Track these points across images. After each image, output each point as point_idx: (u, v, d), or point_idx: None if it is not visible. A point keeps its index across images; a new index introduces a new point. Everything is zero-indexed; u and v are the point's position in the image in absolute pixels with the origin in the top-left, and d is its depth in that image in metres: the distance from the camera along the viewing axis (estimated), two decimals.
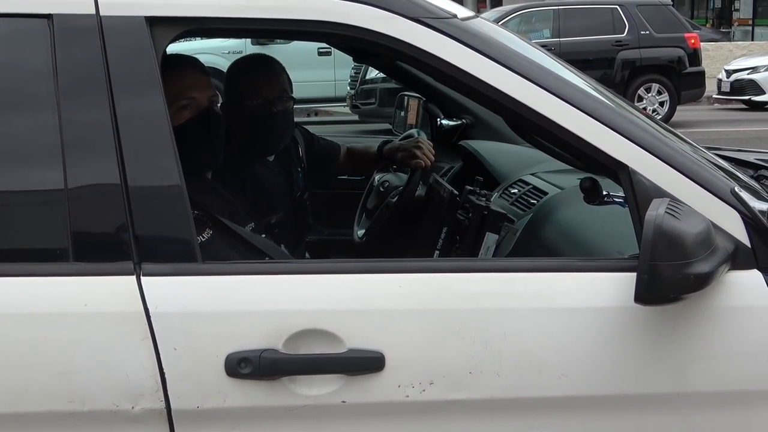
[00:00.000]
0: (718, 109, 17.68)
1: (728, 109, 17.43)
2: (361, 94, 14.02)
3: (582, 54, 14.60)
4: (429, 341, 1.90)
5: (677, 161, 2.00)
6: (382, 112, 13.61)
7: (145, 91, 1.93)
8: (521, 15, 15.49)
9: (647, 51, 14.91)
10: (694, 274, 1.81)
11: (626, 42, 14.91)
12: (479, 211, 2.77)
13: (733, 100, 17.45)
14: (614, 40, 14.91)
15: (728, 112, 17.09)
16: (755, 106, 16.82)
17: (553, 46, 14.66)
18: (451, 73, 2.02)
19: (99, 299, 1.86)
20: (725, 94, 17.45)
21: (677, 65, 15.01)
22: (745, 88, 16.98)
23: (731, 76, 17.21)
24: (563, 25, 15.09)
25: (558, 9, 15.46)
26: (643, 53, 14.91)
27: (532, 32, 15.21)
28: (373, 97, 13.76)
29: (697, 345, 1.96)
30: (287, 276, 1.93)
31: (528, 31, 15.22)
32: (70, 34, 1.91)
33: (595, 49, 14.76)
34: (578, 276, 1.98)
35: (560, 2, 15.89)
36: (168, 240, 1.93)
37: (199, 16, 1.98)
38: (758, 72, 16.89)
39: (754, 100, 16.78)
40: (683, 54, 15.03)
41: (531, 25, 15.42)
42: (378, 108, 13.61)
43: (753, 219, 1.99)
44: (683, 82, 15.02)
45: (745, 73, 17.02)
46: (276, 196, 3.12)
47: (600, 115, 2.00)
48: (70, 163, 1.88)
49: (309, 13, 2.00)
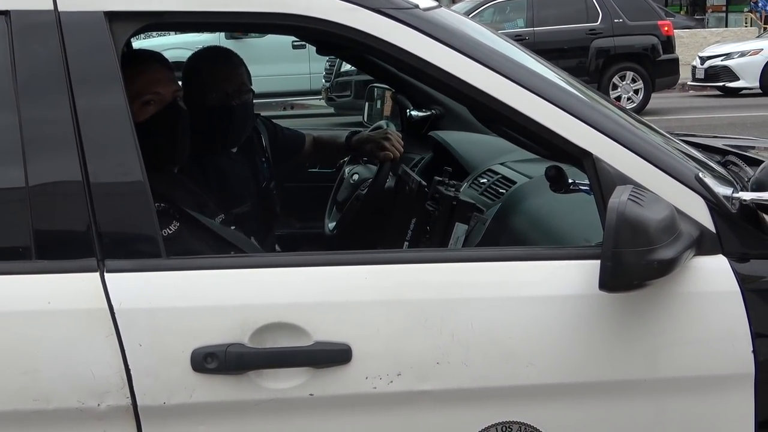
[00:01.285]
0: (693, 95, 17.77)
1: (703, 95, 17.52)
2: (336, 87, 14.01)
3: (556, 43, 14.65)
4: (396, 332, 1.90)
5: (641, 148, 2.00)
6: (357, 104, 13.48)
7: (105, 87, 1.91)
8: (495, 5, 15.49)
9: (621, 39, 14.95)
10: (658, 260, 1.81)
11: (600, 30, 14.94)
12: (448, 201, 2.77)
13: (707, 87, 17.53)
14: (588, 29, 14.94)
15: (703, 98, 17.18)
16: (730, 92, 16.93)
17: (528, 35, 14.69)
18: (413, 63, 2.01)
19: (62, 297, 1.84)
20: (700, 81, 17.54)
21: (651, 53, 15.07)
22: (719, 74, 17.07)
23: (705, 62, 17.30)
24: (537, 14, 15.11)
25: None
26: (616, 41, 14.95)
27: (507, 22, 15.23)
28: (348, 90, 13.75)
29: (664, 331, 1.96)
30: (252, 270, 1.93)
31: (502, 21, 15.24)
32: (28, 31, 1.90)
33: (569, 38, 14.80)
34: (544, 264, 1.98)
35: None
36: (131, 236, 1.92)
37: (159, 10, 1.97)
38: (732, 58, 16.98)
39: (729, 86, 16.88)
40: (657, 41, 15.09)
41: (505, 15, 15.43)
42: (353, 100, 13.57)
43: (717, 204, 1.99)
44: (657, 69, 15.08)
45: (719, 59, 17.11)
46: (241, 186, 3.12)
47: (563, 104, 2.00)
48: (30, 161, 1.86)
49: (269, 5, 1.99)
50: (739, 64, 16.84)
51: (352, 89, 13.63)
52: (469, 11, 14.96)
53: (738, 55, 17.00)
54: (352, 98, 13.62)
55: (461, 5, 16.62)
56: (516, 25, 15.12)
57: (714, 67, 17.13)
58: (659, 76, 15.13)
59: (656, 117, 14.01)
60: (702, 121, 13.62)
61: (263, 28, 2.33)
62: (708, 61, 17.27)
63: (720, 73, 17.06)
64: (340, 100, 14.01)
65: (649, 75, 15.02)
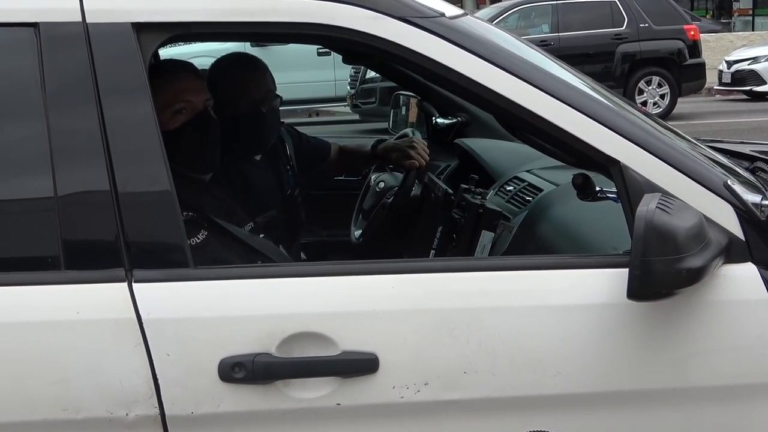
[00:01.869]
0: (720, 100, 17.64)
1: (730, 100, 17.39)
2: (361, 94, 14.03)
3: (581, 48, 14.60)
4: (423, 341, 1.89)
5: (669, 155, 1.99)
6: (382, 111, 13.50)
7: (133, 97, 1.92)
8: (520, 11, 15.47)
9: (647, 44, 14.88)
10: (687, 269, 1.80)
11: (625, 35, 14.87)
12: (474, 209, 2.77)
13: (734, 91, 17.41)
14: (613, 34, 14.88)
15: (730, 103, 17.06)
16: (756, 96, 16.78)
17: (553, 41, 14.65)
18: (439, 72, 2.01)
19: (91, 307, 1.85)
20: (726, 85, 17.41)
21: (677, 57, 14.98)
22: (746, 78, 16.93)
23: (732, 66, 17.17)
24: (562, 19, 15.07)
25: (557, 4, 15.43)
26: (642, 46, 14.87)
27: (531, 27, 15.20)
28: (373, 96, 13.76)
29: (692, 340, 1.95)
30: (279, 279, 1.93)
31: (527, 27, 15.21)
32: (56, 43, 1.91)
33: (594, 43, 14.73)
34: (572, 273, 1.97)
35: None
36: (159, 246, 1.93)
37: (185, 21, 1.98)
38: (759, 62, 16.84)
39: (756, 91, 16.74)
40: (683, 46, 15.00)
41: (530, 20, 15.40)
42: (378, 107, 13.58)
43: (747, 212, 1.98)
44: (683, 74, 14.98)
45: (746, 63, 16.98)
46: (266, 194, 3.12)
47: (591, 111, 2.00)
48: (59, 171, 1.87)
49: (295, 15, 1.99)
50: (766, 68, 16.70)
51: (377, 96, 13.64)
52: (494, 17, 14.96)
53: (765, 59, 16.86)
54: (377, 105, 13.64)
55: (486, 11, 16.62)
56: (541, 31, 15.09)
57: (741, 71, 17.00)
58: (685, 81, 15.03)
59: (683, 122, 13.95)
60: (729, 125, 13.53)
61: (289, 38, 2.34)
62: (734, 65, 17.14)
63: (747, 77, 16.92)
64: (366, 107, 14.03)
65: (675, 80, 14.92)
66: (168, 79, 2.50)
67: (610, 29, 14.90)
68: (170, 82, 2.50)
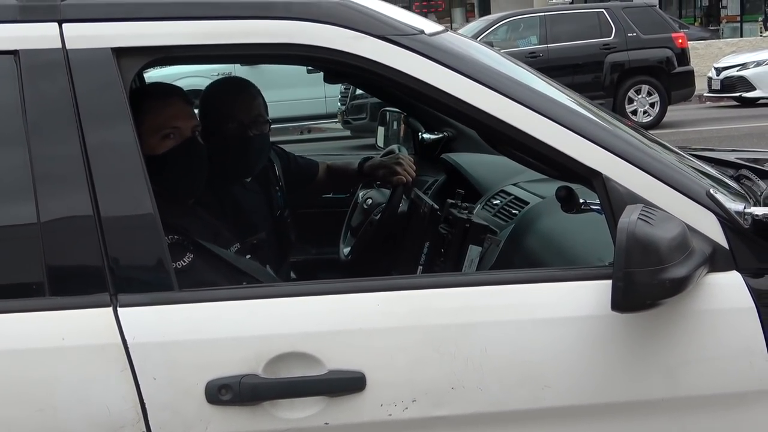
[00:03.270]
0: (710, 107, 17.70)
1: (720, 106, 17.45)
2: (351, 110, 14.07)
3: (570, 59, 14.65)
4: (409, 358, 1.89)
5: (651, 166, 2.00)
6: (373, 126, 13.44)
7: (115, 122, 1.93)
8: (508, 23, 15.52)
9: (635, 53, 14.93)
10: (670, 279, 1.81)
11: (614, 45, 14.92)
12: (461, 224, 2.77)
13: (724, 98, 17.46)
14: (602, 44, 14.93)
15: (720, 109, 17.11)
16: (746, 102, 16.84)
17: (541, 52, 14.70)
18: (420, 89, 2.01)
19: (76, 333, 1.85)
20: (716, 92, 17.47)
21: (666, 65, 15.03)
22: (735, 85, 16.99)
23: (721, 73, 17.22)
24: (550, 31, 15.11)
25: (544, 15, 15.49)
26: (631, 55, 14.93)
27: (520, 39, 15.24)
28: (363, 112, 13.80)
29: (680, 350, 1.95)
30: (264, 300, 1.93)
31: (516, 39, 15.26)
32: (37, 70, 1.91)
33: (583, 53, 14.78)
34: (558, 286, 1.97)
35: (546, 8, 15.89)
36: (143, 269, 1.92)
37: (166, 44, 1.98)
38: (747, 68, 16.90)
39: (745, 97, 16.80)
40: (671, 54, 15.05)
41: (518, 32, 15.44)
42: (369, 122, 13.56)
43: (730, 220, 1.98)
44: (673, 82, 15.03)
45: (735, 70, 17.03)
46: (256, 216, 3.12)
47: (571, 124, 2.00)
48: (42, 197, 1.87)
49: (276, 36, 2.00)
50: (755, 74, 16.76)
51: (367, 112, 13.67)
52: (482, 30, 15.01)
53: (754, 65, 16.92)
54: (367, 120, 13.66)
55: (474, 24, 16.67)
56: (529, 42, 15.13)
57: (730, 77, 17.06)
58: (675, 89, 15.08)
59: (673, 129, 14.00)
60: (720, 132, 13.57)
61: (271, 59, 2.35)
62: (724, 72, 17.20)
63: (736, 84, 16.98)
64: (356, 123, 14.07)
65: (665, 88, 14.98)
66: (157, 104, 2.51)
67: (599, 39, 14.96)
68: (159, 107, 2.51)
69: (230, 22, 2.00)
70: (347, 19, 2.00)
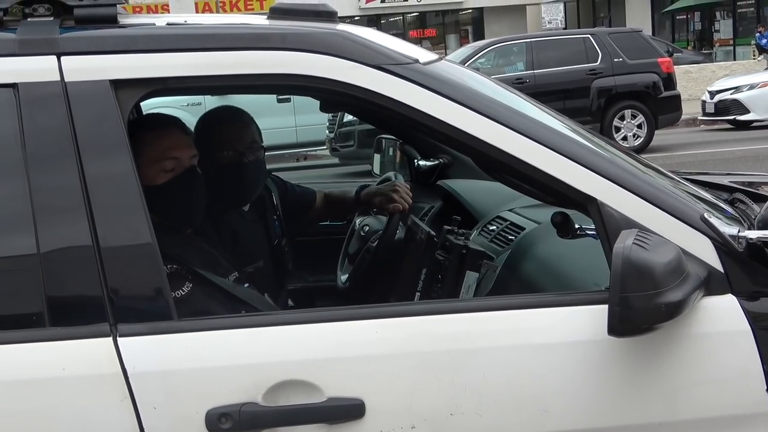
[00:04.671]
0: (704, 130, 17.75)
1: (714, 129, 17.50)
2: (339, 137, 14.06)
3: (557, 85, 14.67)
4: (408, 385, 1.90)
5: (645, 191, 2.01)
6: (361, 153, 13.70)
7: (113, 153, 1.94)
8: (495, 49, 15.56)
9: (621, 78, 14.91)
10: (666, 303, 1.82)
11: (600, 70, 14.91)
12: (458, 250, 2.78)
13: (718, 121, 17.51)
14: (588, 69, 14.91)
15: (714, 132, 17.16)
16: (741, 125, 16.89)
17: (528, 78, 14.75)
18: (416, 117, 2.03)
19: (77, 363, 1.86)
20: (710, 115, 17.51)
21: (652, 90, 15.01)
22: (729, 108, 17.03)
23: (714, 96, 17.27)
24: (537, 57, 15.14)
25: (531, 41, 15.52)
26: (617, 80, 14.91)
27: (507, 65, 15.28)
28: (351, 140, 13.84)
29: (676, 373, 1.96)
30: (262, 328, 1.94)
31: (503, 65, 15.30)
32: (35, 102, 1.93)
33: (569, 79, 14.74)
34: (554, 311, 1.99)
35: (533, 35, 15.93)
36: (142, 299, 1.94)
37: (163, 76, 2.00)
38: (741, 91, 16.95)
39: (739, 120, 16.85)
40: (657, 79, 15.02)
41: (506, 58, 15.46)
42: (357, 150, 13.72)
43: (724, 244, 1.99)
44: (659, 106, 15.00)
45: (728, 93, 17.08)
46: (254, 244, 3.13)
47: (566, 150, 2.02)
48: (41, 228, 1.89)
49: (272, 66, 2.02)
50: (748, 97, 16.80)
51: (355, 139, 13.74)
52: (469, 56, 15.05)
53: (747, 87, 16.97)
54: (355, 148, 13.75)
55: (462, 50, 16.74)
56: (516, 68, 15.15)
57: (724, 100, 17.09)
58: (662, 114, 15.05)
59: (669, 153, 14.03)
60: (715, 155, 13.61)
61: (267, 89, 2.38)
62: (717, 95, 17.24)
63: (730, 107, 17.02)
64: (344, 150, 14.06)
65: (652, 113, 14.93)
66: (156, 135, 2.52)
67: (585, 65, 14.96)
68: (159, 138, 2.52)
69: (227, 53, 2.02)
70: (342, 49, 2.03)
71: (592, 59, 14.98)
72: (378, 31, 2.35)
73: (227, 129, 3.07)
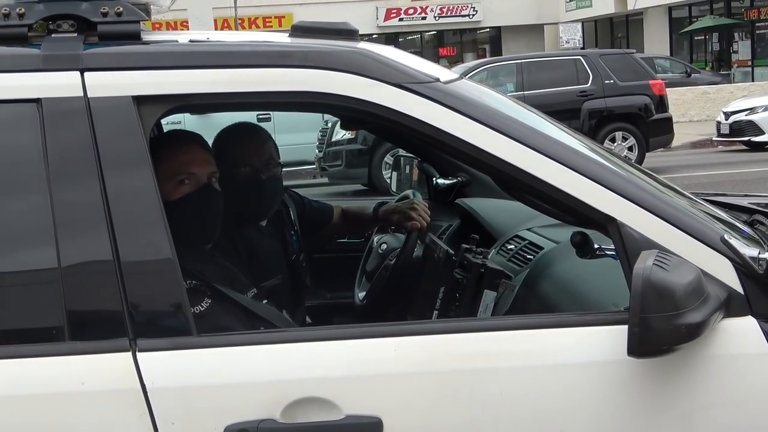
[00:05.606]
0: (721, 151, 17.69)
1: (731, 150, 17.44)
2: (328, 157, 14.04)
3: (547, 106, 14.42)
4: (426, 404, 1.90)
5: (665, 212, 2.01)
6: (349, 173, 13.85)
7: (134, 168, 1.95)
8: (485, 70, 15.50)
9: (612, 100, 14.81)
10: (686, 325, 1.82)
11: (591, 92, 14.82)
12: (476, 269, 2.78)
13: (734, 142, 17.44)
14: (578, 91, 14.81)
15: (730, 153, 17.10)
16: (756, 146, 16.81)
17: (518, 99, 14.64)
18: (436, 136, 2.04)
19: (96, 377, 1.87)
20: (725, 136, 17.43)
21: (644, 112, 14.90)
22: (744, 129, 16.95)
23: (729, 117, 17.20)
24: (527, 78, 15.08)
25: (521, 63, 15.48)
26: (608, 102, 14.81)
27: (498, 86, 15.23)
28: (339, 159, 13.86)
29: (696, 395, 1.95)
30: (281, 345, 1.94)
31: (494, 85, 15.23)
32: (58, 117, 1.95)
33: (560, 100, 14.54)
34: (573, 331, 1.99)
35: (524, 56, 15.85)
36: (162, 314, 1.94)
37: (185, 93, 2.02)
38: (756, 113, 16.87)
39: (754, 141, 16.76)
40: (649, 101, 14.92)
41: (497, 79, 15.32)
42: (345, 169, 13.79)
43: (744, 265, 1.99)
44: (651, 128, 14.89)
45: (743, 114, 17.00)
46: (271, 260, 3.14)
47: (585, 170, 2.02)
48: (62, 242, 1.90)
49: (293, 84, 2.03)
50: (763, 118, 16.67)
51: (343, 158, 13.77)
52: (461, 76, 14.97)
53: (762, 109, 16.87)
54: (343, 167, 13.78)
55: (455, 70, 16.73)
56: (506, 90, 15.03)
57: (738, 122, 17.00)
58: (653, 136, 14.91)
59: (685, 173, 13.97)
60: (732, 176, 13.55)
61: (287, 106, 2.38)
62: (732, 116, 17.15)
63: (745, 128, 16.92)
64: (333, 170, 14.04)
65: (643, 135, 14.79)
66: (174, 150, 2.53)
67: (576, 86, 14.86)
68: (176, 153, 2.53)
69: (249, 70, 2.03)
70: (363, 68, 2.03)
71: (583, 81, 14.88)
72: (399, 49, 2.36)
73: (244, 145, 3.08)
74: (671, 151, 17.07)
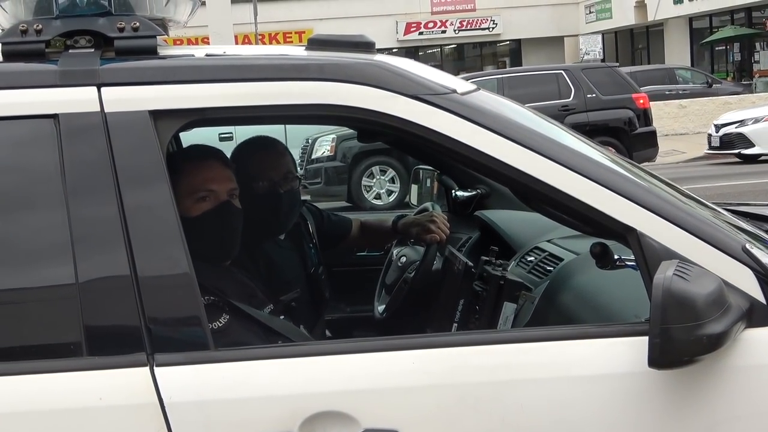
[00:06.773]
0: (713, 164, 17.51)
1: (723, 163, 17.25)
2: (308, 174, 13.93)
3: None
4: (446, 417, 1.89)
5: (685, 221, 1.99)
6: (328, 191, 13.83)
7: (152, 183, 1.96)
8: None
9: (595, 114, 14.75)
10: (707, 335, 1.80)
11: (573, 106, 14.75)
12: (496, 281, 2.77)
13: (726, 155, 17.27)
14: (560, 105, 14.70)
15: (723, 166, 16.90)
16: (748, 159, 16.66)
17: None
18: (454, 147, 2.03)
19: (114, 392, 1.86)
20: (715, 149, 17.28)
21: (627, 126, 14.83)
22: (734, 141, 16.80)
23: (720, 130, 17.06)
24: (509, 93, 14.88)
25: (502, 77, 15.41)
26: (590, 116, 14.72)
27: None
28: (319, 177, 13.84)
29: (718, 406, 1.93)
30: (299, 359, 1.94)
31: None
32: (76, 132, 1.95)
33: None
34: (593, 342, 1.97)
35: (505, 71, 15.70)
36: (180, 329, 1.94)
37: (202, 107, 2.02)
38: (746, 125, 16.69)
39: (744, 153, 16.60)
40: (632, 115, 14.86)
41: None
42: (324, 187, 13.77)
43: (766, 275, 1.97)
44: (634, 142, 14.80)
45: (733, 126, 16.84)
46: (290, 273, 3.14)
47: (604, 180, 2.01)
48: (80, 258, 1.90)
49: (309, 97, 2.03)
50: (753, 131, 16.48)
51: (322, 176, 13.78)
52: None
53: (752, 121, 16.68)
54: (323, 185, 13.77)
55: None
56: None
57: (728, 134, 16.82)
58: (636, 150, 14.73)
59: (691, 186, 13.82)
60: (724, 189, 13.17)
61: (303, 119, 2.38)
62: (723, 129, 16.97)
63: (734, 141, 16.73)
64: (313, 187, 13.91)
65: (627, 149, 14.58)
66: (195, 166, 2.54)
67: (557, 101, 14.77)
68: (196, 169, 2.53)
69: (265, 83, 2.04)
70: (380, 80, 2.03)
71: (565, 95, 14.80)
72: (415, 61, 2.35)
73: (262, 159, 3.09)
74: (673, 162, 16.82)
